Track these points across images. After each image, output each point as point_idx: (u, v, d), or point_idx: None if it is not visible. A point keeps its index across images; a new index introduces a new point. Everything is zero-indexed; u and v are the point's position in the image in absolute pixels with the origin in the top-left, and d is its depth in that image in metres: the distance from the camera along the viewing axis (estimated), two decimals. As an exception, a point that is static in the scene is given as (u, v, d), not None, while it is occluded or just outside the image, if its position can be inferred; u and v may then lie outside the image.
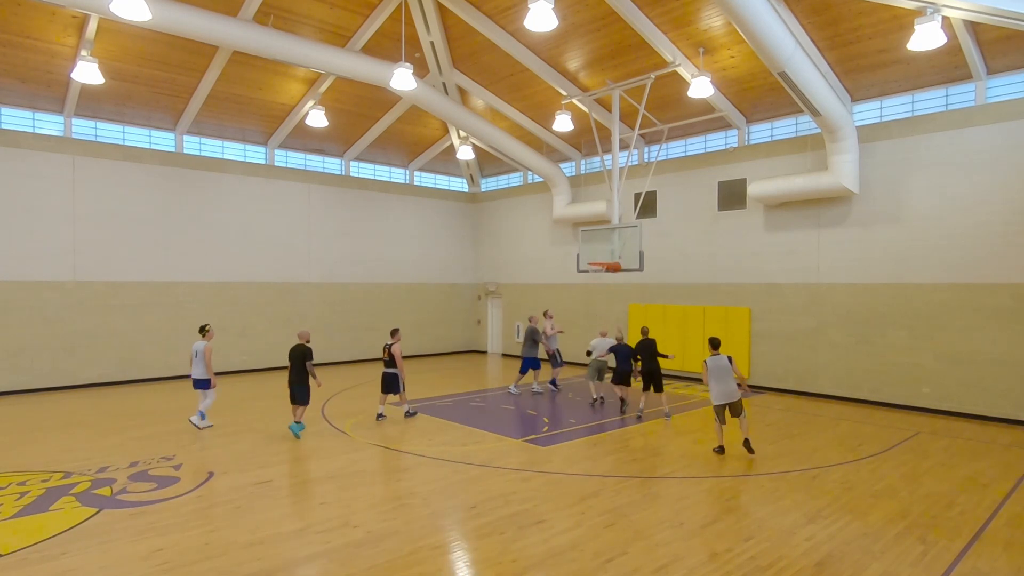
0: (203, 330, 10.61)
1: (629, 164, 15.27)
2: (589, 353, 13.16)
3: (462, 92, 17.74)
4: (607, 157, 16.36)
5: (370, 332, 20.25)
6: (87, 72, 12.03)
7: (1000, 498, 7.32)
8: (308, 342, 10.33)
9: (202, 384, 10.43)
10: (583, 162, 19.81)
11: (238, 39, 12.15)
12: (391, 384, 11.12)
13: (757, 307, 15.08)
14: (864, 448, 9.60)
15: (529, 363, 14.10)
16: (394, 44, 14.65)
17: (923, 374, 12.45)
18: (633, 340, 13.60)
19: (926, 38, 10.05)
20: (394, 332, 11.47)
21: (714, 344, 9.46)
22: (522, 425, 11.05)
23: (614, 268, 13.31)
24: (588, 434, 10.40)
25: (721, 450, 9.17)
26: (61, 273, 14.68)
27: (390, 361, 11.11)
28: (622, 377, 12.24)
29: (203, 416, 10.45)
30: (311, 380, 10.06)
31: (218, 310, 17.00)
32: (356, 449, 9.34)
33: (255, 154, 18.45)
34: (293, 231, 18.65)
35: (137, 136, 16.31)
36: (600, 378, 13.09)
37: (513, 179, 22.48)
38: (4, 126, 14.41)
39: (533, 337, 14.11)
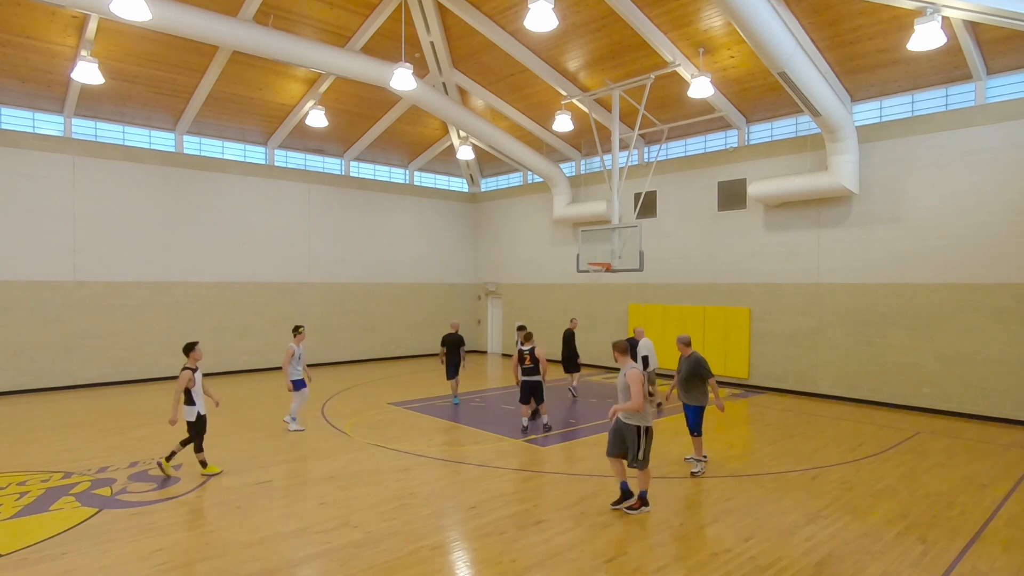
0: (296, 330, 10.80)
1: (629, 164, 15.25)
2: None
3: (462, 92, 17.74)
4: (607, 157, 16.36)
5: (370, 332, 20.25)
6: (87, 72, 12.03)
7: (1000, 498, 7.32)
8: (458, 331, 13.05)
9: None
10: (583, 162, 19.81)
11: (238, 39, 12.16)
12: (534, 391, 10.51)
13: (757, 307, 15.08)
14: (864, 448, 9.60)
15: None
16: (394, 44, 14.64)
17: (923, 374, 12.45)
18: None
19: (926, 38, 10.04)
20: (529, 336, 10.69)
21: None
22: (522, 425, 11.03)
23: (607, 268, 13.34)
24: (588, 434, 10.40)
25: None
26: (61, 273, 14.68)
27: (533, 368, 10.36)
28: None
29: None
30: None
31: (218, 310, 17.00)
32: (356, 449, 9.34)
33: (255, 154, 18.44)
34: (293, 231, 18.64)
35: (137, 136, 16.31)
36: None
37: (513, 179, 22.47)
38: (4, 126, 14.40)
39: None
